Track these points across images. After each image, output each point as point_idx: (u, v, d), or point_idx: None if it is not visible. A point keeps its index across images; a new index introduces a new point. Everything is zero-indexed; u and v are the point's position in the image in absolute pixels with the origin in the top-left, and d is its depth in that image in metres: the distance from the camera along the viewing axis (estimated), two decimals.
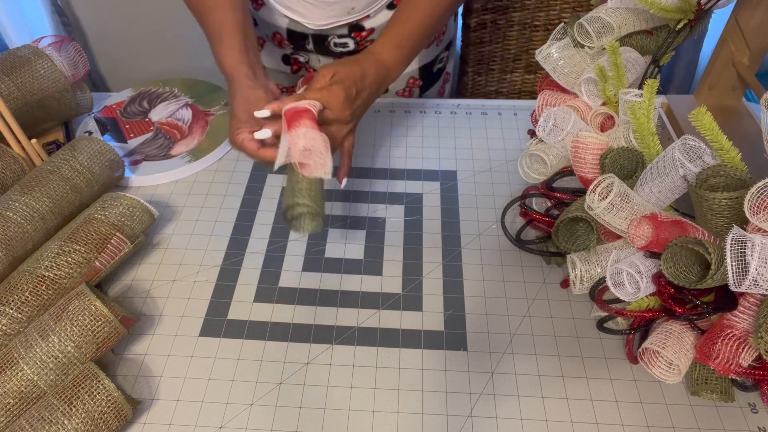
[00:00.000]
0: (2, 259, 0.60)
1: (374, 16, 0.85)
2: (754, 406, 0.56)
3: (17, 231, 0.62)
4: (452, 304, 0.65)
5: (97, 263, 0.62)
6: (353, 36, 0.87)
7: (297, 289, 0.67)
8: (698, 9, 0.61)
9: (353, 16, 0.84)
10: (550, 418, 0.56)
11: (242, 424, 0.56)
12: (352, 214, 0.76)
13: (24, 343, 0.54)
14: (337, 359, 0.60)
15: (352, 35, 0.87)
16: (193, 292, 0.67)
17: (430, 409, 0.57)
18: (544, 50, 0.67)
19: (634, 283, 0.52)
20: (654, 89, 0.56)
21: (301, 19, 0.84)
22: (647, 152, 0.57)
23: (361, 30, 0.86)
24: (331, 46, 0.88)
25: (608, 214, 0.53)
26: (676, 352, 0.51)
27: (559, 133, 0.62)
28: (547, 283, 0.67)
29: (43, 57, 0.78)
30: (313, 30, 0.86)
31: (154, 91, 0.93)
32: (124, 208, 0.65)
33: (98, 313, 0.55)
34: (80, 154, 0.70)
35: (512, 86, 1.49)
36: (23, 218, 0.62)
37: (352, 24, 0.85)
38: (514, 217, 0.75)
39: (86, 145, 0.71)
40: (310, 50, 0.90)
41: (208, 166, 0.83)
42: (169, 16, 1.60)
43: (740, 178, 0.49)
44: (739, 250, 0.43)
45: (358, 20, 0.85)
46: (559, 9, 1.32)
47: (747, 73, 0.78)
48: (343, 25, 0.85)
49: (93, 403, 0.51)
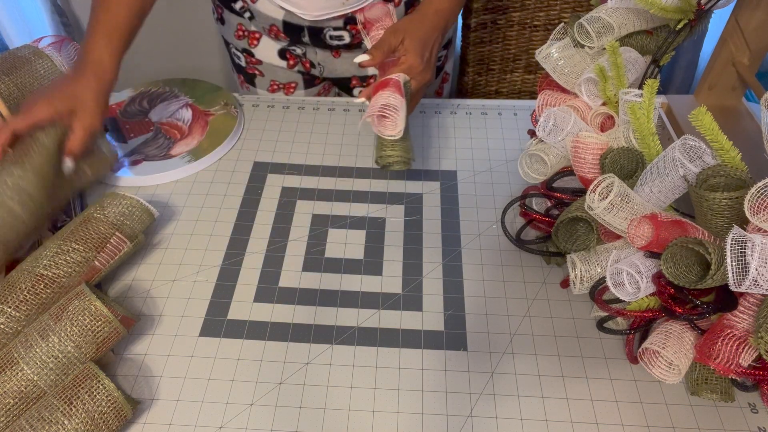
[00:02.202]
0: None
1: (369, 9, 0.85)
2: (754, 406, 0.56)
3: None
4: (452, 304, 0.65)
5: (96, 263, 0.62)
6: (348, 29, 0.87)
7: (297, 289, 0.67)
8: (698, 9, 0.61)
9: (347, 8, 0.84)
10: (550, 418, 0.56)
11: (242, 424, 0.56)
12: (352, 214, 0.76)
13: (24, 343, 0.54)
14: (337, 359, 0.60)
15: (347, 28, 0.87)
16: (193, 292, 0.67)
17: (430, 409, 0.57)
18: (544, 50, 0.67)
19: (634, 283, 0.52)
20: (654, 89, 0.56)
21: (296, 10, 0.84)
22: (647, 152, 0.57)
23: (356, 22, 0.86)
24: (327, 38, 0.89)
25: (608, 214, 0.53)
26: (676, 352, 0.51)
27: (559, 133, 0.62)
28: (547, 283, 0.67)
29: (43, 57, 0.78)
30: (309, 22, 0.86)
31: (154, 91, 0.93)
32: (124, 207, 0.65)
33: (98, 313, 0.55)
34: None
35: (512, 86, 1.49)
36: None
37: (347, 16, 0.85)
38: (514, 217, 0.75)
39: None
40: (306, 43, 0.90)
41: (208, 166, 0.83)
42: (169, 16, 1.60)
43: (740, 178, 0.49)
44: (739, 250, 0.43)
45: (353, 12, 0.85)
46: (559, 9, 1.32)
47: (747, 73, 0.78)
48: (338, 17, 0.86)
49: (93, 403, 0.51)
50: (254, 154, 0.85)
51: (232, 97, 0.92)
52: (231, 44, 0.98)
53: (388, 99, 0.66)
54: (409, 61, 0.70)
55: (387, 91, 0.67)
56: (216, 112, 0.89)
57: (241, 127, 0.89)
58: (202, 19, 1.59)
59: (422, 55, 0.71)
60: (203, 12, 1.58)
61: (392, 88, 0.67)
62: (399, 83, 0.68)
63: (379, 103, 0.66)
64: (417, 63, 0.70)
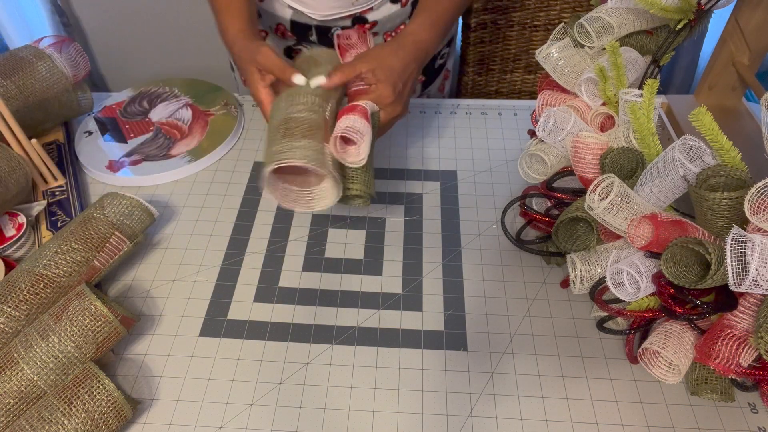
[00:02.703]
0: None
1: (378, 8, 0.85)
2: (754, 406, 0.56)
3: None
4: (452, 304, 0.65)
5: (96, 262, 0.62)
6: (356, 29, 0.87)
7: (297, 289, 0.67)
8: (698, 9, 0.61)
9: (357, 8, 0.84)
10: (550, 418, 0.56)
11: (242, 424, 0.55)
12: (352, 214, 0.76)
13: (24, 342, 0.54)
14: (337, 359, 0.60)
15: (355, 28, 0.87)
16: (193, 292, 0.67)
17: (430, 409, 0.57)
18: (544, 50, 0.67)
19: (634, 283, 0.52)
20: (654, 89, 0.56)
21: (305, 9, 0.84)
22: (647, 152, 0.57)
23: (364, 22, 0.86)
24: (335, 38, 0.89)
25: (608, 214, 0.53)
26: (676, 352, 0.51)
27: (559, 133, 0.62)
28: (547, 283, 0.67)
29: (44, 58, 0.78)
30: (317, 21, 0.86)
31: (154, 91, 0.93)
32: (124, 207, 0.65)
33: (98, 313, 0.55)
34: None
35: (512, 86, 1.49)
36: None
37: (355, 16, 0.85)
38: (514, 217, 0.75)
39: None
40: (313, 42, 0.90)
41: (208, 166, 0.83)
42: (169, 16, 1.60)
43: (740, 178, 0.49)
44: (739, 250, 0.43)
45: (361, 12, 0.85)
46: (559, 9, 1.32)
47: (747, 73, 0.78)
48: (347, 17, 0.85)
49: (93, 403, 0.51)
50: (254, 154, 0.85)
51: (232, 97, 0.92)
52: None
53: (354, 122, 0.61)
54: (379, 90, 0.65)
55: (353, 115, 0.62)
56: (216, 112, 0.89)
57: (241, 127, 0.89)
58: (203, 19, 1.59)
59: (395, 86, 0.65)
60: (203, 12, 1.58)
61: (358, 113, 0.62)
62: (366, 110, 0.63)
63: (343, 125, 0.61)
64: (388, 93, 0.65)
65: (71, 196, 0.76)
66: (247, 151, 0.85)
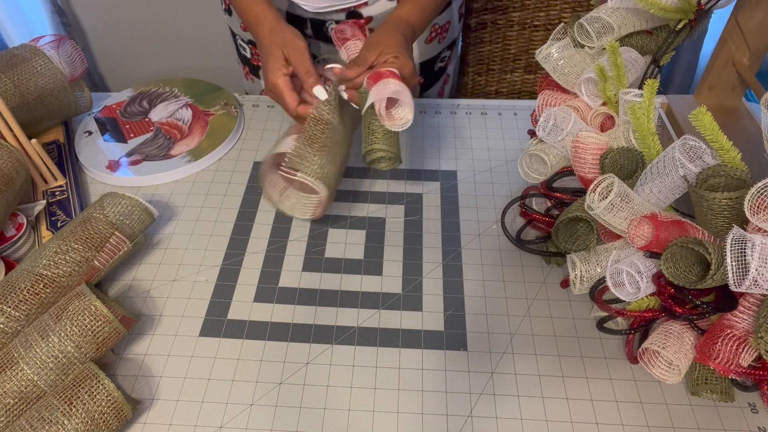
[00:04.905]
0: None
1: (372, 3, 0.85)
2: (754, 406, 0.56)
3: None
4: (452, 304, 0.65)
5: (95, 262, 0.62)
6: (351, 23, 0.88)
7: (297, 289, 0.67)
8: (698, 9, 0.61)
9: (351, 2, 0.84)
10: (550, 418, 0.56)
11: (242, 424, 0.55)
12: (352, 214, 0.76)
13: (24, 343, 0.54)
14: (337, 359, 0.60)
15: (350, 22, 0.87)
16: (193, 292, 0.67)
17: (430, 409, 0.57)
18: (544, 50, 0.67)
19: (634, 283, 0.52)
20: (654, 89, 0.56)
21: (299, 2, 0.85)
22: (647, 152, 0.57)
23: (359, 17, 0.86)
24: (329, 32, 0.89)
25: (608, 214, 0.53)
26: (676, 352, 0.51)
27: (559, 133, 0.62)
28: (547, 283, 0.67)
29: (40, 55, 0.78)
30: (312, 14, 0.86)
31: (154, 91, 0.93)
32: (123, 207, 0.65)
33: (98, 313, 0.55)
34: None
35: (512, 86, 1.49)
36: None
37: (350, 10, 0.86)
38: (514, 217, 0.75)
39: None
40: (308, 35, 0.91)
41: (208, 166, 0.83)
42: (169, 16, 1.60)
43: (740, 178, 0.49)
44: (739, 250, 0.43)
45: (356, 7, 0.85)
46: (559, 9, 1.32)
47: (747, 73, 0.78)
48: (341, 11, 0.86)
49: (93, 403, 0.51)
50: (254, 154, 0.85)
51: (232, 97, 0.92)
52: (237, 35, 0.98)
53: (397, 86, 0.60)
54: (399, 62, 0.65)
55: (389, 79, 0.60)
56: (216, 112, 0.89)
57: (241, 127, 0.89)
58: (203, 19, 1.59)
59: (410, 55, 0.67)
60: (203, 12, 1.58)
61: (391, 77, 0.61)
62: (395, 72, 0.63)
63: (389, 89, 0.60)
64: (407, 62, 0.66)
65: (71, 196, 0.76)
66: (247, 151, 0.85)
